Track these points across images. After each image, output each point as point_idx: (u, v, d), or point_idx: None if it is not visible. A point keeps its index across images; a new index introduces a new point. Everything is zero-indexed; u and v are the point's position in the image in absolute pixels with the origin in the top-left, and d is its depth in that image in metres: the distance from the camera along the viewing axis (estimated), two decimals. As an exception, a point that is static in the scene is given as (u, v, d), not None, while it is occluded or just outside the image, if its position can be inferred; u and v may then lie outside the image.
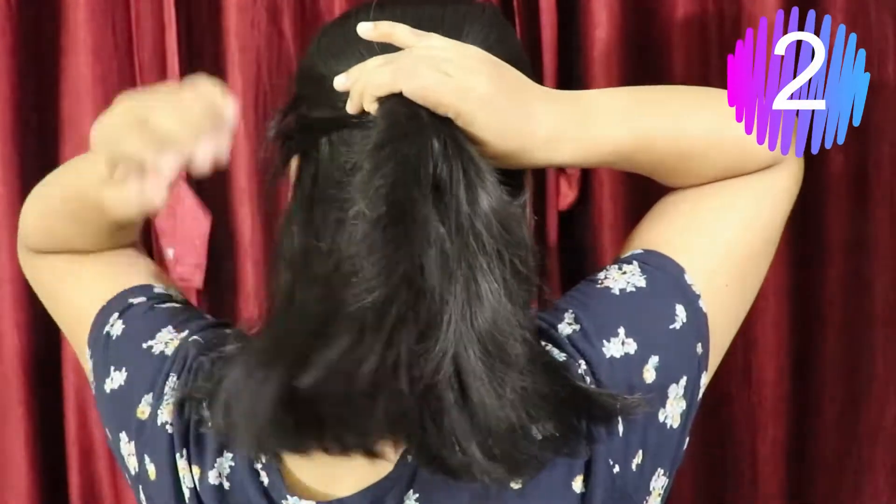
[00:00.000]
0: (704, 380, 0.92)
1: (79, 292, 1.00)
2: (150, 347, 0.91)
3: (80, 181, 0.94)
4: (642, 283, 0.90)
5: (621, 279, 0.91)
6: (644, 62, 1.29)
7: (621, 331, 0.87)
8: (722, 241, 0.93)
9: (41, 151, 1.42)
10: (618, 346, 0.87)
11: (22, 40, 1.39)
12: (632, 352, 0.87)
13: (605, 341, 0.87)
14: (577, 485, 0.84)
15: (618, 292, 0.90)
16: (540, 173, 1.29)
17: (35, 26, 1.40)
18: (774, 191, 0.96)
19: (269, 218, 1.35)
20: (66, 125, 1.41)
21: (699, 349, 0.90)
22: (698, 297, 0.90)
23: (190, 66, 1.38)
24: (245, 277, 1.39)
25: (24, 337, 1.42)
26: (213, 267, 1.37)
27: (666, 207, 0.97)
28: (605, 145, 0.87)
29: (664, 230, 0.95)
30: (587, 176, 1.33)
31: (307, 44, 1.34)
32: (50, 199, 1.01)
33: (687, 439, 0.93)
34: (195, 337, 0.91)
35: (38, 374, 1.44)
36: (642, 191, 1.32)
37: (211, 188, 1.39)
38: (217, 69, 1.37)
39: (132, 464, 0.90)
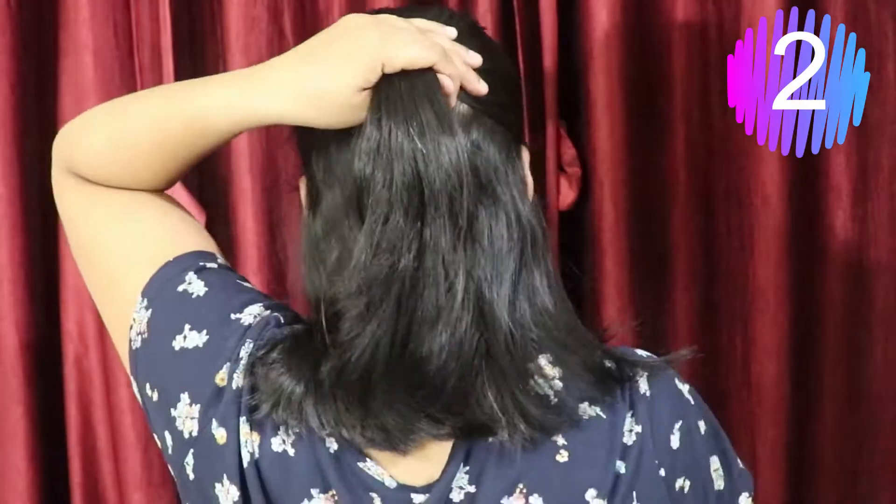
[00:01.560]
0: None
1: (138, 238, 0.97)
2: (239, 319, 0.91)
3: (194, 105, 0.91)
4: None
5: None
6: (643, 58, 1.29)
7: None
8: None
9: (41, 151, 1.42)
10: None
11: (22, 40, 1.39)
12: None
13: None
14: (617, 464, 0.86)
15: None
16: (540, 174, 1.29)
17: (35, 26, 1.40)
18: None
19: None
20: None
21: None
22: None
23: (191, 65, 1.38)
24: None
25: (23, 337, 1.42)
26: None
27: None
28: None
29: None
30: (587, 176, 1.33)
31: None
32: (132, 122, 0.95)
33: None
34: (277, 314, 0.92)
35: (38, 373, 1.44)
36: (643, 192, 1.32)
37: (211, 188, 1.39)
38: (218, 69, 1.37)
39: (189, 427, 0.90)
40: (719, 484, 0.91)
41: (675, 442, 0.88)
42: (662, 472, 0.87)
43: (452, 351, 0.82)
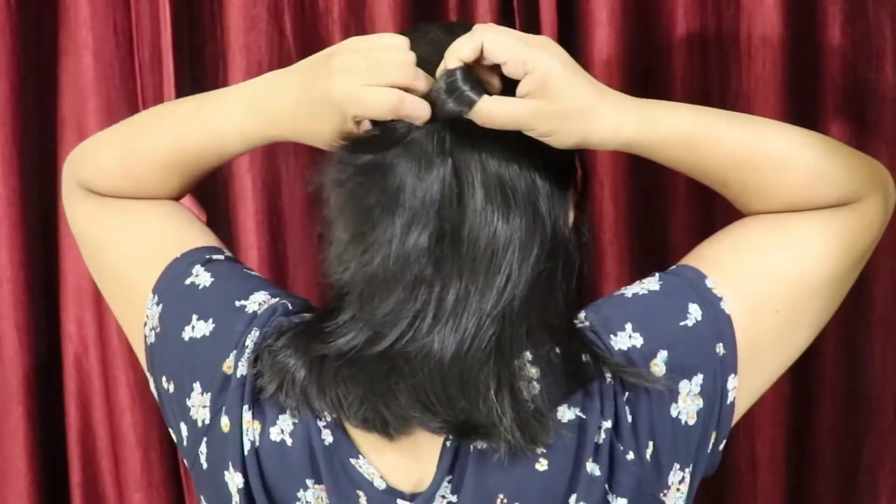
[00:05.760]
0: (734, 383, 0.90)
1: (146, 240, 1.01)
2: (244, 307, 0.93)
3: (212, 124, 0.97)
4: (656, 287, 0.92)
5: (637, 287, 0.93)
6: (644, 59, 1.29)
7: (628, 326, 0.89)
8: (773, 268, 0.92)
9: (41, 151, 1.42)
10: (624, 340, 0.88)
11: (22, 40, 1.39)
12: (638, 345, 0.88)
13: (612, 335, 0.89)
14: (590, 466, 0.86)
15: (630, 295, 0.92)
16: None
17: (35, 26, 1.40)
18: (846, 230, 0.93)
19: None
20: (66, 125, 1.41)
21: (720, 349, 0.90)
22: (719, 299, 0.90)
23: (190, 65, 1.38)
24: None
25: (23, 337, 1.42)
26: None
27: (727, 229, 0.97)
28: (670, 126, 0.89)
29: (712, 248, 0.95)
30: (587, 176, 1.33)
31: (307, 42, 1.36)
32: (145, 141, 1.01)
33: (715, 442, 0.92)
34: (284, 301, 0.94)
35: (38, 374, 1.44)
36: (643, 192, 1.32)
37: (211, 188, 1.39)
38: (218, 69, 1.37)
39: (201, 415, 0.92)
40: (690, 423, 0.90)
41: (627, 416, 0.88)
42: (631, 456, 0.87)
43: (467, 346, 0.83)
